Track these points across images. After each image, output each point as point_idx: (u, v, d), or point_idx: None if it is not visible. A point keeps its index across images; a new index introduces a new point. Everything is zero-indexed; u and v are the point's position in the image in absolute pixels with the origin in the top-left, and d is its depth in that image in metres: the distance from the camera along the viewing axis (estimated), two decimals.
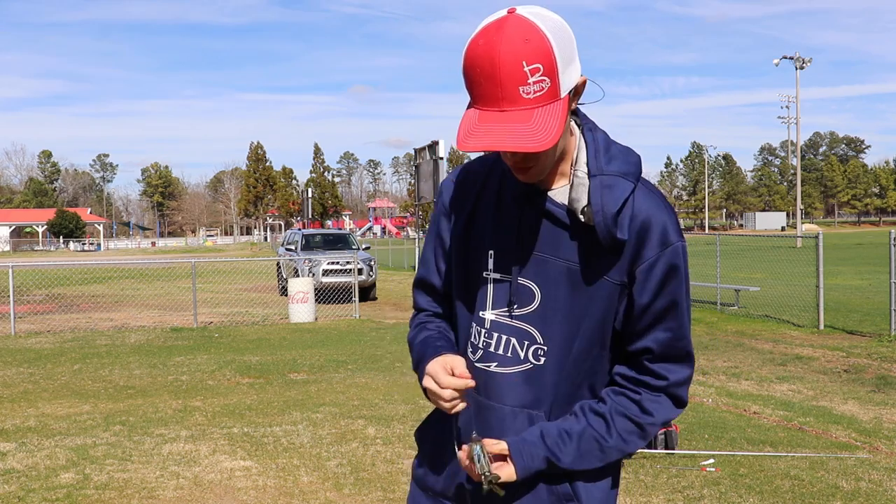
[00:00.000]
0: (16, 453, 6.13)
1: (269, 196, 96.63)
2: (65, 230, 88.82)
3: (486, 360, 1.63)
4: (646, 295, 1.57)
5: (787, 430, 6.65)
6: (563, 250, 1.58)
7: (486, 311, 1.63)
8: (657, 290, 1.57)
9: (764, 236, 38.15)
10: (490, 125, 1.41)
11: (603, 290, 1.58)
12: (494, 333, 1.62)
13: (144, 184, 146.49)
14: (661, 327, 1.60)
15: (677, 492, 5.10)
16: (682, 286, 1.59)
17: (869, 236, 60.14)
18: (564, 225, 1.58)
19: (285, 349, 11.62)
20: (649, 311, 1.58)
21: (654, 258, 1.56)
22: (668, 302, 1.58)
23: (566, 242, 1.58)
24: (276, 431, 6.70)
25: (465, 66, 1.44)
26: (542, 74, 1.39)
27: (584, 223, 1.56)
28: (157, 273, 29.12)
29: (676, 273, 1.57)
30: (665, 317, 1.59)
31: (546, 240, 1.59)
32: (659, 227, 1.56)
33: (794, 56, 51.78)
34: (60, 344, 12.55)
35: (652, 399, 1.62)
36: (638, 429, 1.62)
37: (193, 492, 5.22)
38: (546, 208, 1.59)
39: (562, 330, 1.59)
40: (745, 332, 12.53)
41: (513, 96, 1.40)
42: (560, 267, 1.58)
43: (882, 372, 9.07)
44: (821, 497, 4.98)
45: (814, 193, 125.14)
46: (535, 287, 1.59)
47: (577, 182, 1.57)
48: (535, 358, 1.60)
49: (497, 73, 1.39)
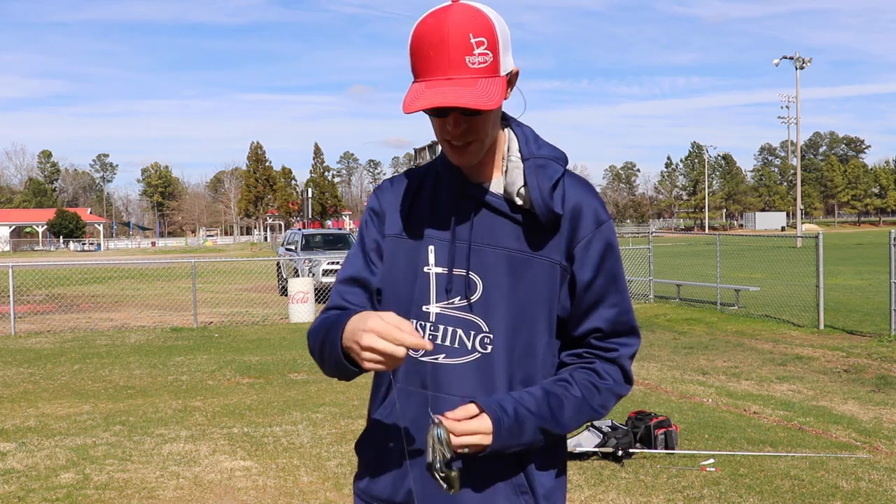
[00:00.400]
0: (16, 453, 6.14)
1: (269, 196, 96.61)
2: (65, 230, 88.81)
3: (433, 353, 1.63)
4: (587, 272, 1.63)
5: (787, 430, 6.65)
6: (501, 239, 1.63)
7: (431, 305, 1.64)
8: (597, 267, 1.64)
9: (764, 236, 38.16)
10: (437, 89, 1.49)
11: (544, 273, 1.62)
12: (440, 326, 1.63)
13: (144, 184, 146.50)
14: (605, 304, 1.65)
15: (677, 492, 5.11)
16: (619, 262, 1.68)
17: (869, 236, 60.16)
18: (502, 213, 1.64)
19: (285, 349, 11.62)
20: (592, 289, 1.64)
21: (591, 236, 1.63)
22: (609, 278, 1.65)
23: (504, 231, 1.63)
24: (277, 431, 6.70)
25: (413, 42, 1.54)
26: (486, 48, 1.50)
27: (521, 209, 1.63)
28: (157, 273, 29.13)
29: (612, 249, 1.66)
30: (608, 293, 1.65)
31: (484, 230, 1.63)
32: (591, 208, 1.64)
33: (794, 56, 51.80)
34: (60, 344, 12.55)
35: (606, 367, 1.66)
36: (597, 391, 1.64)
37: (193, 492, 5.22)
38: (483, 199, 1.65)
39: (506, 317, 1.61)
40: (745, 332, 12.53)
41: (459, 65, 1.49)
42: (500, 255, 1.62)
43: (882, 372, 9.07)
44: (821, 497, 4.98)
45: (814, 193, 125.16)
46: (477, 277, 1.62)
47: (511, 167, 1.65)
48: (482, 347, 1.61)
49: (445, 42, 1.49)
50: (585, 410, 1.63)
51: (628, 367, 1.69)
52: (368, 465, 1.74)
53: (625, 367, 1.68)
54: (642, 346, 11.47)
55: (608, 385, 1.65)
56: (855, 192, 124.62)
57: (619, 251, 1.68)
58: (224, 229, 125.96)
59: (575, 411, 1.61)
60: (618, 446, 5.73)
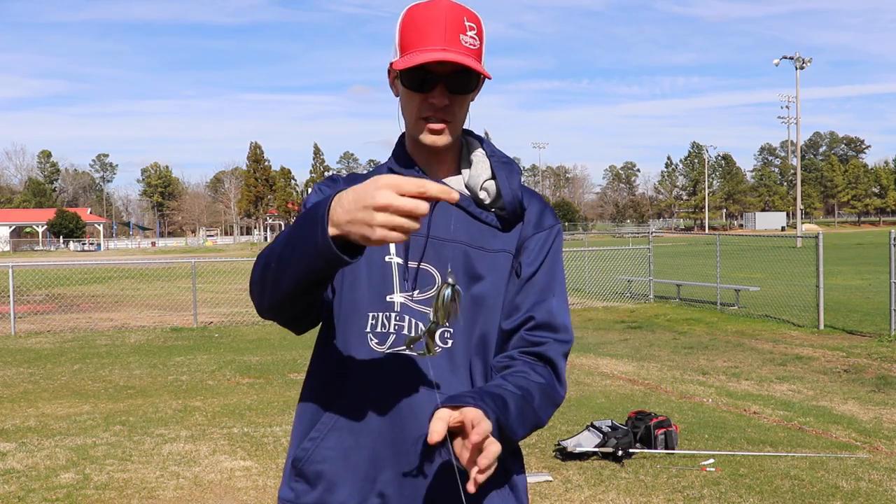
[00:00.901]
0: (16, 453, 6.14)
1: (269, 196, 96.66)
2: (65, 230, 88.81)
3: (399, 344, 1.57)
4: (532, 265, 1.64)
5: (787, 430, 6.65)
6: (459, 233, 1.62)
7: (395, 295, 1.60)
8: (542, 262, 1.66)
9: (764, 236, 38.15)
10: (433, 53, 1.52)
11: (500, 266, 1.63)
12: (405, 316, 1.59)
13: (144, 184, 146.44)
14: (543, 298, 1.65)
15: (677, 492, 5.11)
16: (561, 265, 1.71)
17: (869, 236, 60.16)
18: (461, 207, 1.64)
19: (285, 349, 11.62)
20: (533, 282, 1.64)
21: (544, 233, 1.67)
22: (551, 275, 1.67)
23: (462, 225, 1.63)
24: (277, 431, 6.70)
25: (406, 20, 1.57)
26: (475, 34, 1.56)
27: (479, 203, 1.65)
28: (157, 273, 29.11)
29: (559, 251, 1.70)
30: (547, 289, 1.65)
31: (441, 224, 1.62)
32: (546, 209, 1.70)
33: (794, 56, 51.83)
34: (60, 344, 12.55)
35: (537, 367, 1.61)
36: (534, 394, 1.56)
37: (193, 492, 5.22)
38: None
39: (465, 312, 1.58)
40: (745, 332, 12.53)
41: (454, 40, 1.53)
42: (457, 249, 1.61)
43: (882, 372, 9.07)
44: (821, 497, 4.99)
45: (814, 193, 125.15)
46: (434, 270, 1.61)
47: (476, 160, 1.69)
48: (442, 341, 1.59)
49: (440, 20, 1.53)
50: (529, 415, 1.53)
51: (560, 367, 1.63)
52: (318, 480, 1.59)
53: (556, 365, 1.62)
54: (642, 345, 11.50)
55: (543, 386, 1.57)
56: (855, 192, 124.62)
57: (562, 257, 1.72)
58: (224, 229, 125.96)
59: (524, 416, 1.51)
60: (618, 446, 5.73)
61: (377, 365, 1.58)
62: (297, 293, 1.43)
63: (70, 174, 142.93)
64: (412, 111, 1.62)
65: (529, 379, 1.56)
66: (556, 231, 1.69)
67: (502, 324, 1.63)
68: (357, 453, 1.57)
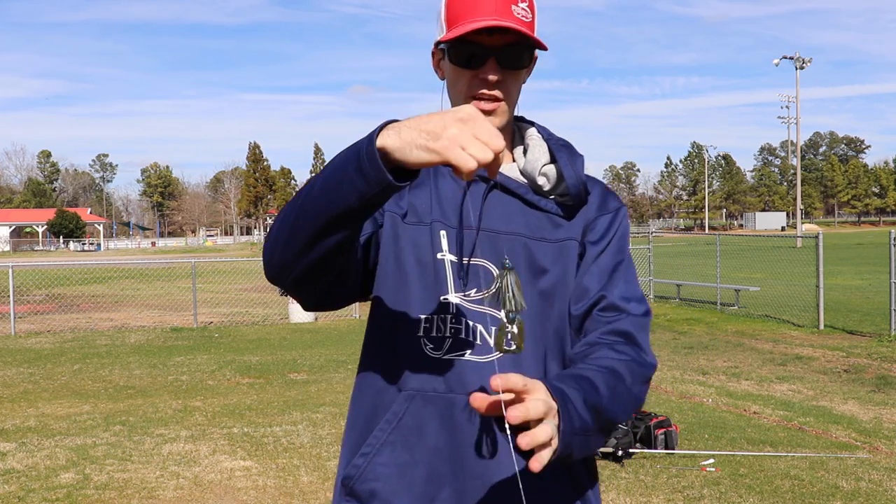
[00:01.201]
0: (16, 453, 6.14)
1: (269, 196, 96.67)
2: (65, 230, 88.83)
3: (457, 349, 1.43)
4: (599, 246, 1.51)
5: (787, 430, 6.65)
6: (517, 224, 1.48)
7: (450, 295, 1.45)
8: (608, 244, 1.52)
9: (764, 236, 38.15)
10: (484, 20, 1.40)
11: (564, 253, 1.49)
12: (462, 318, 1.44)
13: (144, 184, 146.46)
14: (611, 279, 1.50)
15: (677, 492, 5.11)
16: (628, 247, 1.58)
17: (869, 236, 60.16)
18: (517, 196, 1.50)
19: (285, 349, 11.62)
20: (601, 264, 1.50)
21: (609, 216, 1.54)
22: (619, 256, 1.53)
23: (519, 215, 1.49)
24: (277, 431, 6.71)
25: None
26: (527, 6, 1.44)
27: (536, 191, 1.51)
28: (157, 273, 29.12)
29: (625, 234, 1.56)
30: (616, 270, 1.51)
31: (497, 215, 1.48)
32: (607, 191, 1.58)
33: (794, 56, 51.83)
34: (60, 344, 12.55)
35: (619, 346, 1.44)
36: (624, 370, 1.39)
37: (193, 492, 5.22)
38: (499, 181, 1.49)
39: (530, 309, 1.43)
40: (745, 332, 12.53)
41: (506, 11, 1.41)
42: (515, 241, 1.47)
43: (882, 372, 9.07)
44: (821, 497, 4.99)
45: (814, 193, 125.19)
46: (492, 266, 1.46)
47: (533, 144, 1.55)
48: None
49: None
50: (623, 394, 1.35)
51: (641, 338, 1.46)
52: (371, 499, 1.46)
53: (636, 337, 1.45)
54: None
55: (628, 362, 1.41)
56: (855, 192, 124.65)
57: (629, 241, 1.58)
58: (224, 229, 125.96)
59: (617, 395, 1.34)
60: (618, 446, 5.73)
61: (433, 372, 1.43)
62: (319, 234, 1.26)
63: (70, 174, 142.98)
64: (460, 90, 1.47)
65: (613, 358, 1.40)
66: (622, 214, 1.55)
67: (571, 309, 1.48)
68: (413, 470, 1.43)
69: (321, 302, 1.46)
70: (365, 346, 1.56)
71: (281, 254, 1.33)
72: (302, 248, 1.29)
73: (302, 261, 1.31)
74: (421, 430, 1.43)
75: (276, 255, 1.34)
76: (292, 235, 1.29)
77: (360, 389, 1.54)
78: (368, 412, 1.49)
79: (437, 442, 1.42)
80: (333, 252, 1.30)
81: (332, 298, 1.46)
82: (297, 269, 1.33)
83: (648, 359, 1.45)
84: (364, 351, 1.56)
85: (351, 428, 1.53)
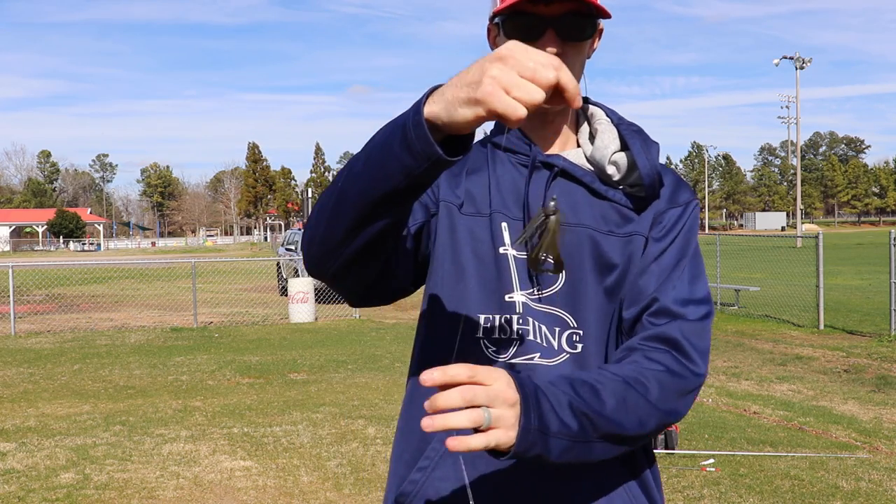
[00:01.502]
0: (16, 453, 6.14)
1: (269, 196, 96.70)
2: (65, 230, 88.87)
3: (525, 353, 1.32)
4: (662, 243, 1.36)
5: (787, 430, 6.65)
6: (583, 215, 1.35)
7: (516, 294, 1.33)
8: (673, 241, 1.37)
9: (764, 236, 38.12)
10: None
11: (632, 248, 1.36)
12: (529, 318, 1.33)
13: (144, 184, 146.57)
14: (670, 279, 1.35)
15: (677, 492, 5.11)
16: (695, 243, 1.42)
17: (869, 236, 60.16)
18: (583, 184, 1.37)
19: (285, 349, 11.63)
20: (662, 263, 1.36)
21: (679, 209, 1.39)
22: (682, 253, 1.37)
23: (585, 205, 1.36)
24: (276, 431, 6.71)
25: None
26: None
27: (605, 180, 1.38)
28: (157, 273, 29.13)
29: (694, 230, 1.41)
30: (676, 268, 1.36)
31: (562, 205, 1.34)
32: (679, 182, 1.43)
33: (794, 56, 51.84)
34: (60, 344, 12.55)
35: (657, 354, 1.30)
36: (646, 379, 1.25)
37: (193, 492, 5.22)
38: (561, 167, 1.37)
39: (596, 309, 1.34)
40: (746, 332, 12.53)
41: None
42: (583, 235, 1.34)
43: (882, 372, 9.07)
44: (821, 497, 4.99)
45: (814, 193, 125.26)
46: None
47: (602, 129, 1.40)
48: (570, 346, 1.33)
49: None
50: (640, 405, 1.21)
51: (686, 344, 1.29)
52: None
53: (680, 343, 1.29)
54: None
55: (659, 372, 1.26)
56: (855, 192, 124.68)
57: (696, 236, 1.43)
58: (224, 229, 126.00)
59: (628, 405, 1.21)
60: None
61: None
62: (363, 220, 1.14)
63: (70, 174, 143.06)
64: None
65: (641, 366, 1.26)
66: (693, 207, 1.40)
67: (623, 313, 1.35)
68: (475, 486, 1.31)
69: (367, 295, 1.33)
70: (418, 349, 1.43)
71: (321, 244, 1.21)
72: (344, 237, 1.17)
73: (344, 251, 1.19)
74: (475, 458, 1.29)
75: (314, 245, 1.22)
76: (333, 223, 1.17)
77: (413, 396, 1.41)
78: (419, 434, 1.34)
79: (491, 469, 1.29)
80: (378, 240, 1.18)
81: (379, 292, 1.34)
82: (339, 259, 1.20)
83: (692, 368, 1.29)
84: (416, 353, 1.43)
85: (404, 436, 1.41)
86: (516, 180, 1.37)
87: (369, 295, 1.33)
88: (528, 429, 1.06)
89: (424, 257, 1.38)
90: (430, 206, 1.37)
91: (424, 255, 1.38)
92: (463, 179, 1.38)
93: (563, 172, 1.36)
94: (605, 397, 1.18)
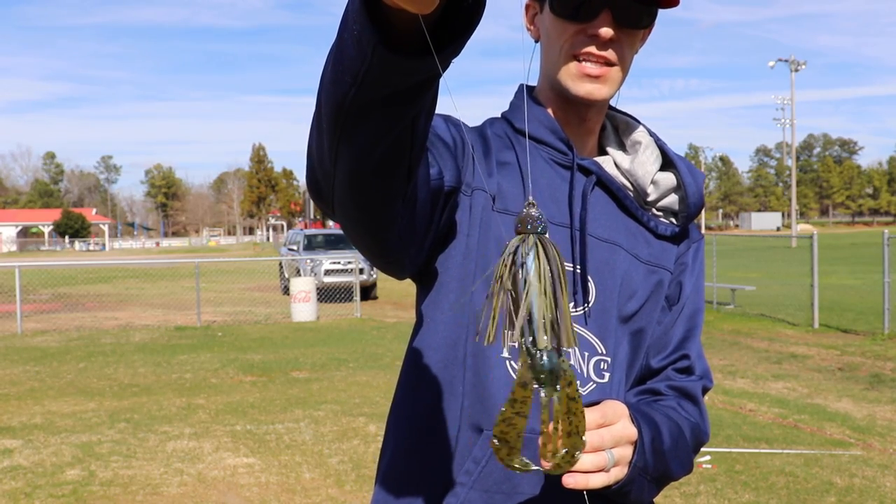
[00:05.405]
0: (22, 450, 6.23)
1: (272, 197, 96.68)
2: (70, 230, 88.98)
3: None
4: (686, 288, 1.29)
5: (782, 428, 6.72)
6: (618, 234, 1.23)
7: None
8: (693, 285, 1.29)
9: (760, 236, 38.14)
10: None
11: (655, 281, 1.26)
12: None
13: (148, 185, 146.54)
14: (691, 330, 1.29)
15: (673, 488, 5.17)
16: (703, 283, 1.35)
17: (863, 236, 59.97)
18: (617, 198, 1.24)
19: (287, 348, 11.70)
20: (685, 310, 1.28)
21: (694, 247, 1.33)
22: (698, 299, 1.31)
23: (620, 223, 1.24)
24: (279, 429, 6.79)
25: None
26: None
27: (638, 199, 1.27)
28: (161, 273, 29.18)
29: (703, 270, 1.34)
30: (694, 317, 1.30)
31: (598, 217, 1.21)
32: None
33: (789, 59, 51.77)
34: (66, 342, 12.64)
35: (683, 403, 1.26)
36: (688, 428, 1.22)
37: (197, 488, 5.31)
38: (601, 176, 1.23)
39: (626, 337, 1.23)
40: (741, 331, 12.59)
41: None
42: (618, 254, 1.22)
43: (875, 370, 9.14)
44: (815, 493, 5.06)
45: (809, 194, 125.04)
46: (590, 278, 1.20)
47: (646, 144, 1.28)
48: (597, 375, 1.19)
49: None
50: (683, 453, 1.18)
51: (704, 407, 1.29)
52: None
53: (700, 404, 1.28)
54: None
55: (692, 424, 1.23)
56: (849, 193, 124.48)
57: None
58: (227, 230, 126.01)
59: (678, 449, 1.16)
60: None
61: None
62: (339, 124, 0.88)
63: (75, 175, 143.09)
64: (561, 48, 1.17)
65: (680, 413, 1.21)
66: (702, 244, 1.33)
67: (651, 361, 1.27)
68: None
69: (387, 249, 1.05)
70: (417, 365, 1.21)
71: (316, 158, 0.97)
72: (330, 151, 0.92)
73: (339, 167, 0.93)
74: (511, 478, 1.14)
75: (312, 158, 0.99)
76: (315, 134, 0.95)
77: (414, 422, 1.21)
78: (435, 456, 1.17)
79: (532, 490, 1.15)
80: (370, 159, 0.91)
81: (398, 246, 1.05)
82: (335, 178, 0.95)
83: (705, 427, 1.28)
84: (414, 370, 1.22)
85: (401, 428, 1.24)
86: (552, 179, 1.21)
87: (390, 248, 1.05)
88: (635, 466, 1.04)
89: (443, 232, 1.16)
90: (463, 180, 1.15)
91: (444, 228, 1.15)
92: (496, 171, 1.20)
93: (601, 183, 1.24)
94: (665, 438, 1.12)
